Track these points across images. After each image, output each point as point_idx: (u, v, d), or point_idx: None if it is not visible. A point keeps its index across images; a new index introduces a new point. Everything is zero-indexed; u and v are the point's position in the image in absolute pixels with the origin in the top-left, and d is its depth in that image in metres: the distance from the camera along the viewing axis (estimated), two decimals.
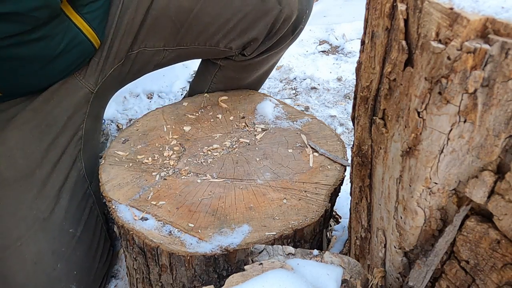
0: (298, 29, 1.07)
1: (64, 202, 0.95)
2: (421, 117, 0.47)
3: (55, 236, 0.92)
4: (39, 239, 0.90)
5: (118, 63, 1.03)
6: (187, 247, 0.74)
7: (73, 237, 0.95)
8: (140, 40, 1.02)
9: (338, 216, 1.17)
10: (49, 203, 0.93)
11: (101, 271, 1.02)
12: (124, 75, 1.07)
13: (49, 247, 0.91)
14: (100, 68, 1.01)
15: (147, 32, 1.01)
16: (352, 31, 2.17)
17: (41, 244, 0.90)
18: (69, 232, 0.94)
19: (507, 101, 0.40)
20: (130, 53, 1.03)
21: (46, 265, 0.90)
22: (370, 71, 0.56)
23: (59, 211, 0.93)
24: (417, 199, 0.52)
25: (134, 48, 1.03)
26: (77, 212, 0.97)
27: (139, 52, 1.04)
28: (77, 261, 0.94)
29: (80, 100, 1.01)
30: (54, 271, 0.90)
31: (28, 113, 0.95)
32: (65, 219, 0.94)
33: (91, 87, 1.02)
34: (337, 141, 0.96)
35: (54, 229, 0.92)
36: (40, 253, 0.90)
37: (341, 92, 1.80)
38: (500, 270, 0.49)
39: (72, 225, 0.95)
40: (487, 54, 0.39)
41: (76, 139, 1.00)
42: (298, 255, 0.65)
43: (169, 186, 0.85)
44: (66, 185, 0.96)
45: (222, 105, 1.08)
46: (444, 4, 0.41)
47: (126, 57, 1.03)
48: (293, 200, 0.82)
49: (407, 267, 0.61)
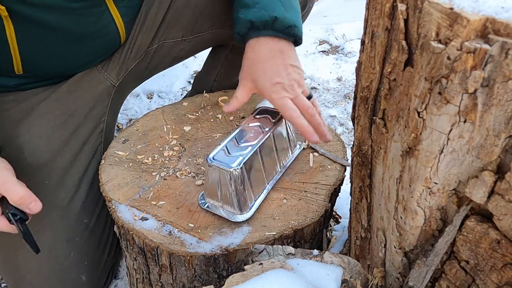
0: (308, 6, 1.11)
1: (82, 192, 0.96)
2: (421, 117, 0.47)
3: (71, 225, 0.93)
4: (56, 227, 0.91)
5: (139, 58, 1.05)
6: (187, 247, 0.74)
7: (87, 228, 0.96)
8: (160, 34, 1.04)
9: (338, 216, 1.17)
10: (68, 192, 0.94)
11: (108, 265, 1.03)
12: (143, 71, 1.09)
13: (65, 236, 0.92)
14: (122, 62, 1.03)
15: (167, 25, 1.03)
16: (352, 31, 2.17)
17: (57, 232, 0.91)
18: (83, 223, 0.95)
19: (507, 101, 0.40)
20: (150, 47, 1.05)
21: (60, 253, 0.91)
22: (370, 71, 0.56)
23: (77, 201, 0.95)
24: (417, 199, 0.52)
25: (154, 42, 1.05)
26: (92, 203, 0.98)
27: (159, 46, 1.05)
28: (88, 252, 0.96)
29: (102, 92, 1.03)
30: (67, 260, 0.92)
31: (51, 103, 0.97)
32: (82, 209, 0.95)
33: (113, 80, 1.04)
34: (337, 141, 0.96)
35: (71, 218, 0.93)
36: (56, 240, 0.91)
37: (341, 92, 1.80)
38: (500, 270, 0.49)
39: (87, 216, 0.96)
40: (487, 54, 0.39)
41: (98, 132, 1.02)
42: (298, 255, 0.65)
43: (169, 186, 0.85)
44: (85, 176, 0.97)
45: (222, 105, 1.08)
46: (444, 4, 0.41)
47: (146, 52, 1.05)
48: (293, 200, 0.82)
49: (407, 267, 0.61)
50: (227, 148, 0.76)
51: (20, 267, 0.90)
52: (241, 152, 0.76)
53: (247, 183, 0.76)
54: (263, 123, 0.84)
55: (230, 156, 0.75)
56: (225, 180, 0.73)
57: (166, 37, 1.05)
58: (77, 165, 0.97)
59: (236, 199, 0.75)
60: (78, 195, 0.95)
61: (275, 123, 0.83)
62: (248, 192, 0.77)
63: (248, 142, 0.78)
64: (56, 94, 0.98)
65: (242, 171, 0.73)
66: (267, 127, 0.83)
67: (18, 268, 0.90)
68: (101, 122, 1.03)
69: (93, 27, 0.92)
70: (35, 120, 0.95)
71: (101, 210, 1.00)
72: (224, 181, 0.74)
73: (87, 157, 0.99)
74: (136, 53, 1.03)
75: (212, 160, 0.74)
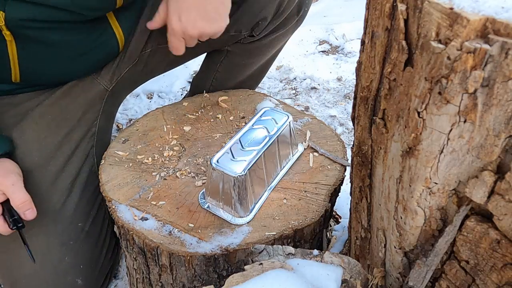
0: (302, 11, 1.12)
1: (75, 196, 0.96)
2: (421, 117, 0.47)
3: (64, 228, 0.93)
4: (49, 231, 0.91)
5: (132, 63, 1.05)
6: (187, 247, 0.74)
7: (82, 231, 0.96)
8: (153, 38, 1.04)
9: (338, 216, 1.17)
10: (61, 195, 0.94)
11: (105, 267, 1.03)
12: (138, 75, 1.09)
13: (58, 239, 0.92)
14: (115, 67, 1.03)
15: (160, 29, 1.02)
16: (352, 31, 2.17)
17: (50, 236, 0.91)
18: (78, 226, 0.95)
19: (507, 101, 0.40)
20: (143, 52, 1.05)
21: (54, 257, 0.91)
22: (370, 71, 0.56)
23: (70, 204, 0.95)
24: (417, 199, 0.52)
25: (147, 46, 1.05)
26: (87, 206, 0.98)
27: (152, 50, 1.06)
28: (84, 255, 0.96)
29: (95, 97, 1.03)
30: (61, 264, 0.92)
31: (45, 108, 0.98)
32: (75, 212, 0.95)
33: (106, 85, 1.04)
34: (337, 141, 0.96)
35: (64, 221, 0.93)
36: (49, 244, 0.91)
37: (341, 92, 1.80)
38: (500, 270, 0.49)
39: (81, 219, 0.96)
40: (487, 54, 0.39)
41: (90, 135, 1.02)
42: (298, 255, 0.65)
43: (169, 186, 0.85)
44: (78, 179, 0.98)
45: (222, 105, 1.08)
46: (444, 4, 0.41)
47: (140, 56, 1.05)
48: (293, 200, 0.82)
49: (407, 267, 0.61)
50: (232, 152, 0.76)
51: (15, 271, 0.90)
52: (246, 157, 0.75)
53: (249, 188, 0.76)
54: (268, 126, 0.82)
55: (235, 160, 0.74)
56: (228, 184, 0.73)
57: (160, 42, 1.04)
58: (69, 169, 0.97)
59: (238, 203, 0.75)
60: (71, 198, 0.95)
61: (281, 127, 0.82)
62: (250, 196, 0.77)
63: (253, 146, 0.77)
64: (50, 100, 0.98)
65: (246, 177, 0.73)
66: (273, 130, 0.82)
67: (13, 272, 0.90)
68: (93, 126, 1.03)
69: (94, 43, 0.93)
70: (28, 125, 0.95)
71: (97, 213, 1.00)
72: (228, 185, 0.73)
73: (80, 160, 0.99)
74: (130, 58, 1.04)
75: (216, 164, 0.73)
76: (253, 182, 0.76)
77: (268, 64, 1.28)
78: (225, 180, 0.73)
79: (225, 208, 0.77)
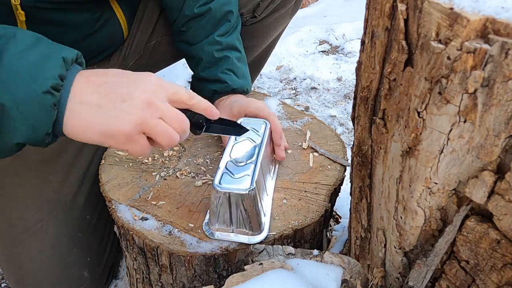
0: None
1: (86, 188, 0.97)
2: (421, 117, 0.47)
3: (74, 220, 0.94)
4: (60, 222, 0.92)
5: (138, 54, 1.05)
6: (187, 247, 0.74)
7: (89, 224, 0.96)
8: (158, 29, 1.04)
9: (338, 216, 1.17)
10: (73, 187, 0.95)
11: (110, 261, 1.03)
12: (143, 67, 1.09)
13: (68, 231, 0.93)
14: (122, 59, 1.04)
15: (165, 21, 1.04)
16: (352, 31, 2.17)
17: (60, 228, 0.92)
18: (86, 219, 0.96)
19: (507, 101, 0.40)
20: (149, 43, 1.05)
21: (64, 249, 0.92)
22: (370, 71, 0.56)
23: (80, 196, 0.95)
24: (417, 199, 0.52)
25: (152, 38, 1.05)
26: (95, 199, 0.98)
27: (157, 41, 1.06)
28: (90, 248, 0.96)
29: None
30: (69, 256, 0.92)
31: None
32: (85, 205, 0.96)
33: None
34: (337, 141, 0.96)
35: (75, 214, 0.94)
36: (59, 236, 0.92)
37: (341, 92, 1.80)
38: (500, 270, 0.49)
39: (90, 212, 0.97)
40: (487, 54, 0.39)
41: None
42: (298, 255, 0.65)
43: (169, 186, 0.85)
44: (88, 171, 0.98)
45: None
46: (444, 4, 0.41)
47: (145, 48, 1.05)
48: (293, 200, 0.82)
49: (407, 267, 0.61)
50: (229, 170, 0.73)
51: (24, 264, 0.90)
52: (246, 172, 0.73)
53: (259, 201, 0.74)
54: (251, 136, 0.80)
55: (236, 178, 0.71)
56: (238, 203, 0.70)
57: (164, 33, 1.05)
58: (80, 161, 0.97)
59: (248, 220, 0.72)
60: (82, 191, 0.96)
61: (264, 135, 0.81)
62: (260, 209, 0.75)
63: (247, 160, 0.75)
64: None
65: (255, 191, 0.71)
66: (257, 140, 0.80)
67: (22, 265, 0.90)
68: None
69: (98, 22, 0.93)
70: None
71: (103, 206, 1.00)
72: (237, 204, 0.70)
73: (91, 152, 0.99)
74: (135, 49, 1.04)
75: (220, 186, 0.70)
76: (260, 195, 0.75)
77: (268, 51, 1.29)
78: (233, 200, 0.70)
79: (237, 230, 0.74)
